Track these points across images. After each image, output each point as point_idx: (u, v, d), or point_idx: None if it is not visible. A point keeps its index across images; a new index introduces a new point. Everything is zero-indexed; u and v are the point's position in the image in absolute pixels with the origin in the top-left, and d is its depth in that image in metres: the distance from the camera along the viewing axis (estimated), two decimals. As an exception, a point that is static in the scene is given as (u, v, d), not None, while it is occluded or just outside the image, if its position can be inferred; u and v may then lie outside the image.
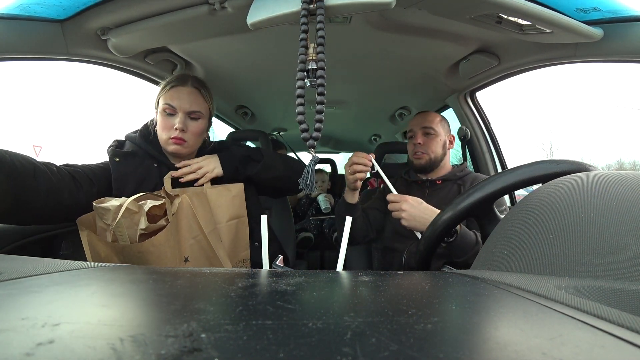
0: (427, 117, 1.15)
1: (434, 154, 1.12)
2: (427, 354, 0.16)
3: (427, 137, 1.13)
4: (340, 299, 0.28)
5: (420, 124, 1.14)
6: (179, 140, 0.82)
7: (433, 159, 1.12)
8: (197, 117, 0.84)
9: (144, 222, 0.67)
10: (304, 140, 0.56)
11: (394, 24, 0.93)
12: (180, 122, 0.81)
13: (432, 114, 1.17)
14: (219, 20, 0.82)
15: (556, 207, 0.34)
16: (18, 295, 0.26)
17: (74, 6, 0.78)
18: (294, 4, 0.59)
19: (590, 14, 0.74)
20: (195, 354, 0.15)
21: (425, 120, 1.14)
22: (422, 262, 0.59)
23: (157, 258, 0.67)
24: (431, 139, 1.13)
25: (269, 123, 2.20)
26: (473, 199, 0.52)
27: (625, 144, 36.09)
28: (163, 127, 0.83)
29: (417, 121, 1.16)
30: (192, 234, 0.76)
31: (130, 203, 0.67)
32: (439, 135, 1.13)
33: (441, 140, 1.13)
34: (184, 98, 0.82)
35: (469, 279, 0.33)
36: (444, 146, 1.14)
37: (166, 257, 0.68)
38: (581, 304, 0.23)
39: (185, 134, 0.82)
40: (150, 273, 0.34)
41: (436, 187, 1.12)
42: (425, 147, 1.12)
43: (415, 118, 1.19)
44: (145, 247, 0.66)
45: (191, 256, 0.75)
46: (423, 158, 1.12)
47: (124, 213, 0.65)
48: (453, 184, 1.10)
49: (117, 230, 0.66)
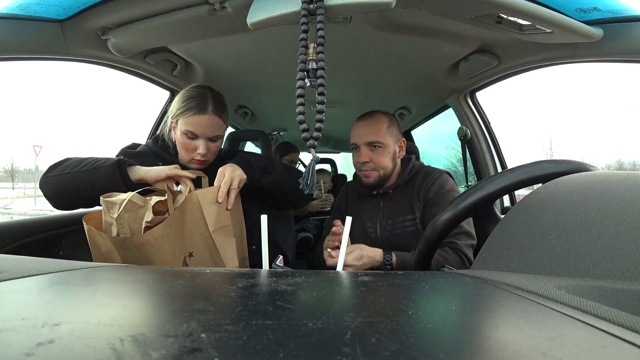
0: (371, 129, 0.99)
1: (384, 170, 1.00)
2: (427, 354, 0.16)
3: (373, 152, 0.99)
4: (340, 299, 0.28)
5: (364, 138, 0.99)
6: (202, 162, 0.87)
7: (383, 175, 1.00)
8: (217, 139, 0.89)
9: (150, 215, 0.68)
10: (304, 140, 0.56)
11: (394, 24, 0.93)
12: (203, 148, 0.85)
13: (377, 120, 1.00)
14: (219, 20, 0.82)
15: (556, 207, 0.34)
16: (18, 295, 0.26)
17: (74, 6, 0.78)
18: (294, 4, 0.59)
19: (590, 14, 0.74)
20: (195, 354, 0.15)
21: (369, 134, 0.99)
22: (421, 262, 0.59)
23: (156, 250, 0.67)
24: (379, 154, 0.99)
25: (269, 123, 2.20)
26: (473, 199, 0.52)
27: (625, 144, 36.19)
28: (185, 148, 0.87)
29: (360, 133, 1.00)
30: (199, 230, 0.77)
31: (135, 197, 0.68)
32: (387, 147, 0.99)
33: (390, 153, 1.00)
34: (206, 125, 0.85)
35: (469, 279, 0.33)
36: (394, 157, 1.01)
37: (165, 250, 0.68)
38: (581, 304, 0.23)
39: (207, 155, 0.87)
40: (150, 273, 0.34)
41: (389, 197, 1.04)
42: (372, 164, 0.99)
43: (357, 127, 1.02)
44: (145, 239, 0.66)
45: (196, 252, 0.76)
46: (371, 176, 1.00)
47: (127, 206, 0.67)
48: (404, 189, 1.02)
49: (119, 223, 0.67)
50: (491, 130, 1.49)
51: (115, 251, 0.67)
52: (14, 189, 27.93)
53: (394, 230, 1.01)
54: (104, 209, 0.71)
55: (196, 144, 0.85)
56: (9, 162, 35.44)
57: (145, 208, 0.69)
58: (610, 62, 0.84)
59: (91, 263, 0.37)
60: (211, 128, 0.86)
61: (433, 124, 1.92)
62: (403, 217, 1.00)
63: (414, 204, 0.99)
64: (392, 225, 1.01)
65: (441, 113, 1.74)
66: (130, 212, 0.68)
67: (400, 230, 1.00)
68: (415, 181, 1.01)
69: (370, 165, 0.99)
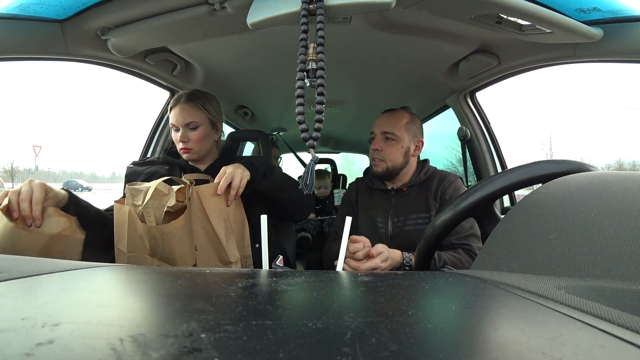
0: (389, 120, 1.03)
1: (392, 163, 1.02)
2: (427, 354, 0.16)
3: (386, 142, 1.02)
4: (340, 299, 0.28)
5: (381, 128, 1.03)
6: (186, 150, 0.95)
7: (391, 168, 1.02)
8: (195, 126, 0.95)
9: (173, 201, 0.72)
10: (304, 140, 0.56)
11: (394, 24, 0.93)
12: (181, 135, 0.94)
13: (397, 115, 1.04)
14: (219, 20, 0.82)
15: (556, 207, 0.34)
16: (18, 295, 0.26)
17: (74, 6, 0.78)
18: (294, 4, 0.59)
19: (590, 14, 0.74)
20: (195, 354, 0.15)
21: (386, 124, 1.02)
22: (421, 262, 0.59)
23: (179, 240, 0.73)
24: (391, 146, 1.01)
25: (269, 123, 2.20)
26: (473, 199, 0.52)
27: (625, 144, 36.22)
28: (175, 141, 0.98)
29: (379, 122, 1.05)
30: (202, 225, 0.79)
31: (160, 184, 0.73)
32: (401, 142, 1.01)
33: (403, 148, 1.02)
34: (179, 114, 0.94)
35: (469, 279, 0.33)
36: (407, 153, 1.03)
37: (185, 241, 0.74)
38: (581, 304, 0.23)
39: (188, 143, 0.95)
40: (150, 273, 0.34)
41: (402, 195, 1.05)
42: (383, 154, 1.02)
43: (379, 117, 1.07)
44: (169, 229, 0.72)
45: (199, 245, 0.78)
46: (380, 166, 1.03)
47: (154, 194, 0.71)
48: (418, 189, 1.04)
49: (145, 211, 0.72)
50: (491, 130, 1.49)
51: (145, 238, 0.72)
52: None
53: (405, 227, 1.02)
54: (128, 196, 0.76)
55: (178, 135, 0.95)
56: (9, 162, 35.47)
57: (169, 196, 0.73)
58: (610, 62, 0.84)
59: (91, 263, 0.37)
60: (182, 115, 0.93)
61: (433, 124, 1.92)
62: (416, 215, 1.01)
63: (431, 203, 1.01)
64: (404, 222, 1.02)
65: (441, 113, 1.75)
66: (154, 200, 0.72)
67: (412, 228, 1.01)
68: (432, 182, 1.03)
69: (381, 154, 1.02)
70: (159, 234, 0.71)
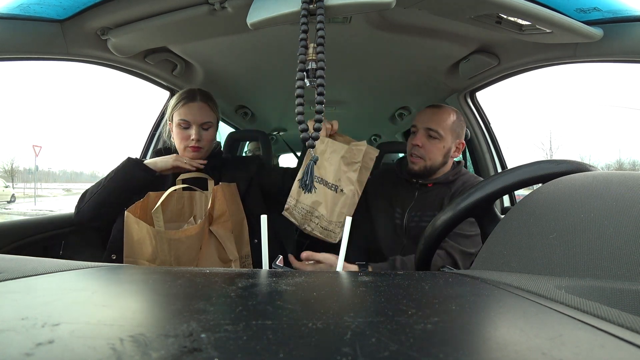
0: (435, 117, 0.97)
1: (431, 162, 0.97)
2: (427, 354, 0.16)
3: (428, 139, 0.97)
4: (340, 299, 0.28)
5: (425, 123, 0.97)
6: (197, 149, 0.94)
7: (429, 166, 0.98)
8: (208, 126, 0.96)
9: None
10: (304, 140, 0.56)
11: (394, 24, 0.93)
12: (196, 134, 0.93)
13: (444, 112, 0.98)
14: (219, 20, 0.82)
15: (556, 207, 0.34)
16: (18, 295, 0.25)
17: (74, 6, 0.78)
18: (294, 4, 0.59)
19: (590, 14, 0.74)
20: (195, 354, 0.15)
21: (432, 120, 0.96)
22: (421, 262, 0.59)
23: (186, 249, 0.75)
24: (433, 144, 0.96)
25: (269, 123, 2.20)
26: (473, 199, 0.52)
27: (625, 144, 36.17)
28: (180, 138, 0.95)
29: (424, 117, 0.99)
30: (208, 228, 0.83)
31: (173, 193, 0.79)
32: (444, 141, 0.97)
33: (445, 147, 0.97)
34: (196, 112, 0.93)
35: (469, 279, 0.33)
36: (447, 154, 0.99)
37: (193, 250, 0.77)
38: (581, 304, 0.23)
39: (200, 142, 0.95)
40: (150, 273, 0.34)
41: (426, 190, 1.02)
42: (423, 151, 0.97)
43: (424, 111, 1.00)
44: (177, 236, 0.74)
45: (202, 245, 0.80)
46: (418, 163, 0.98)
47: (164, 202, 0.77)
48: (443, 187, 1.01)
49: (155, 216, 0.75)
50: (491, 130, 1.49)
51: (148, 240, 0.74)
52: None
53: (421, 222, 0.99)
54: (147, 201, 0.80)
55: (189, 132, 0.93)
56: (9, 162, 35.39)
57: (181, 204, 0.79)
58: (610, 62, 0.84)
59: (91, 263, 0.37)
60: (200, 114, 0.93)
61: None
62: (432, 212, 0.99)
63: (445, 202, 0.99)
64: (420, 217, 1.00)
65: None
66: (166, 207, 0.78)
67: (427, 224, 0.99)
68: (456, 183, 1.00)
69: (421, 151, 0.97)
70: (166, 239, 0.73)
